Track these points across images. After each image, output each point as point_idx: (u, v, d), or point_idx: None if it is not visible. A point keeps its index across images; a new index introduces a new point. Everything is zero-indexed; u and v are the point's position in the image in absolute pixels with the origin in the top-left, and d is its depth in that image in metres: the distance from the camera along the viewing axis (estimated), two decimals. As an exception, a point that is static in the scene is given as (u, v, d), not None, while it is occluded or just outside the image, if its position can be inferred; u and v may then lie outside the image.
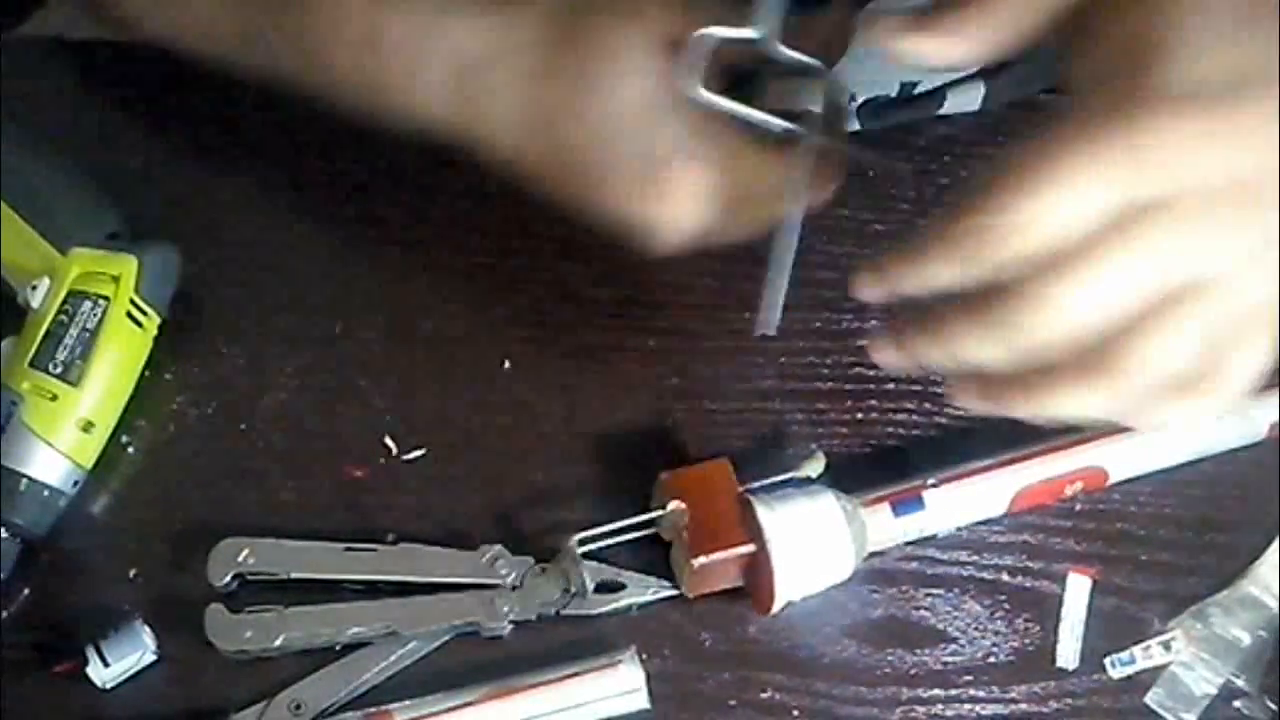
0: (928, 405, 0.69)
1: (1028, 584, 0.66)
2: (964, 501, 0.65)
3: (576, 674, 0.61)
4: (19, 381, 0.64)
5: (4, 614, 0.64)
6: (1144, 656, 0.64)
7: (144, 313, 0.66)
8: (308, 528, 0.65)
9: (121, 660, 0.62)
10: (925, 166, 0.73)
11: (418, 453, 0.67)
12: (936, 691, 0.64)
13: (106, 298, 0.65)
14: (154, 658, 0.63)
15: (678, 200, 0.57)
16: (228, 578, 0.63)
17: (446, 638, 0.63)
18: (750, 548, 0.61)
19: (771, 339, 0.69)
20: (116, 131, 0.74)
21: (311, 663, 0.63)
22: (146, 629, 0.62)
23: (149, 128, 0.74)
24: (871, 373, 0.70)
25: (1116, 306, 0.47)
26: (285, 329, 0.70)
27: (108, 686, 0.62)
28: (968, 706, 0.64)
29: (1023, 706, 0.64)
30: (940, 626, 0.65)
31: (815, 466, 0.65)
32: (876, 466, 0.67)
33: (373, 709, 0.61)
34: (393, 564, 0.64)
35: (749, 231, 0.58)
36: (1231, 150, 0.46)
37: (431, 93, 0.58)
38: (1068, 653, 0.65)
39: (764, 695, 0.63)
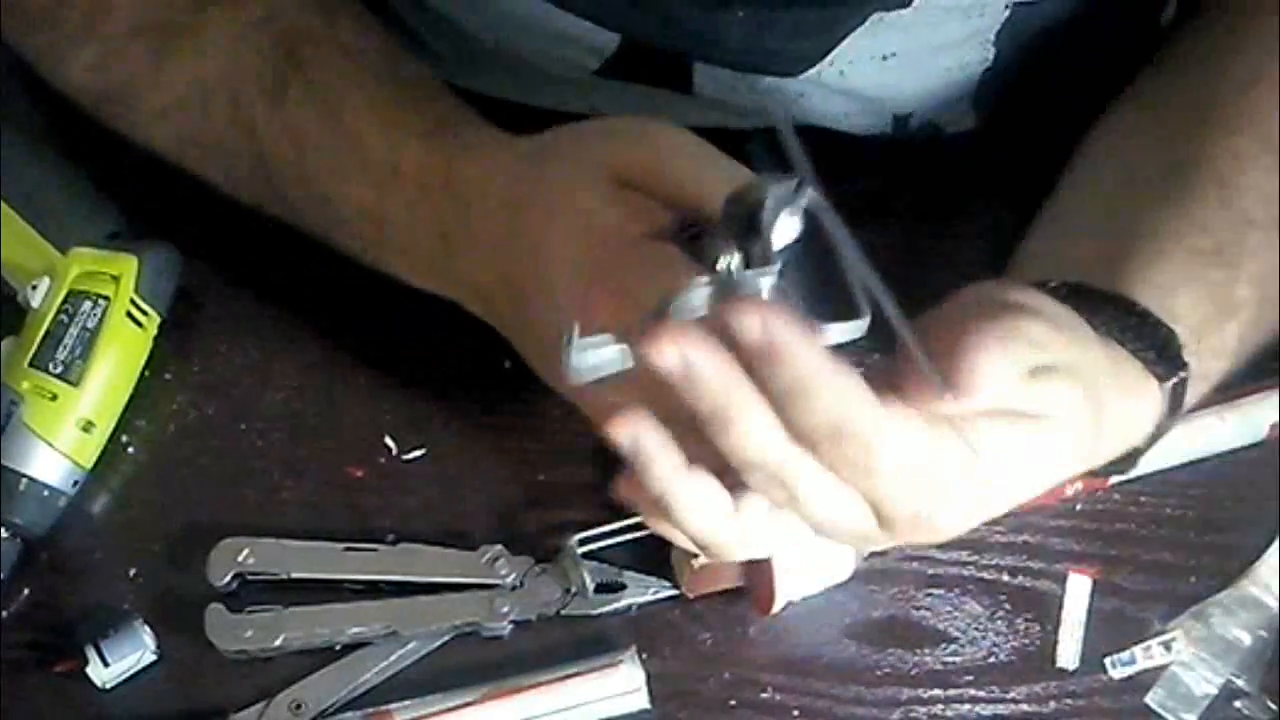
0: (928, 405, 0.69)
1: (1028, 584, 0.66)
2: (964, 501, 0.65)
3: (576, 674, 0.61)
4: (19, 381, 0.64)
5: (4, 614, 0.64)
6: (1144, 656, 0.64)
7: (144, 312, 0.66)
8: (308, 528, 0.65)
9: (121, 660, 0.62)
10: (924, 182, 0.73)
11: (418, 453, 0.67)
12: (936, 691, 0.64)
13: (106, 297, 0.65)
14: (154, 657, 0.63)
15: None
16: (228, 578, 0.63)
17: (446, 638, 0.63)
18: (750, 548, 0.61)
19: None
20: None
21: (311, 663, 0.63)
22: (146, 629, 0.62)
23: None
24: (873, 372, 0.70)
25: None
26: (285, 329, 0.70)
27: (107, 686, 0.62)
28: (968, 706, 0.64)
29: (1023, 707, 0.64)
30: (940, 626, 0.65)
31: (815, 466, 0.65)
32: (876, 466, 0.67)
33: (373, 709, 0.61)
34: (393, 564, 0.64)
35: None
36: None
37: (423, 264, 0.61)
38: (1068, 653, 0.65)
39: (764, 695, 0.63)
